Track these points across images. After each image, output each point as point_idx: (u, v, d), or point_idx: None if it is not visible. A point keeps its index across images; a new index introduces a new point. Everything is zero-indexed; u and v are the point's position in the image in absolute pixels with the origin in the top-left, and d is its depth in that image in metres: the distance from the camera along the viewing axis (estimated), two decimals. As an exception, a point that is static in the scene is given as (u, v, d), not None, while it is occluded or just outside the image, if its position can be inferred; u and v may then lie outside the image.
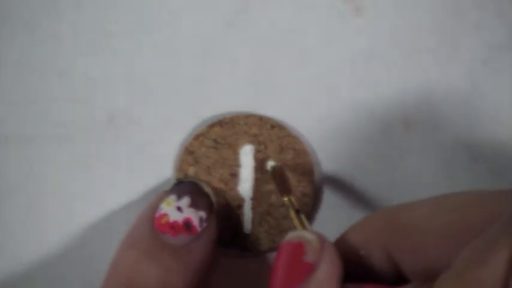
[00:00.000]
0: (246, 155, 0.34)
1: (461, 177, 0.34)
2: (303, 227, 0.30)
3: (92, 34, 0.34)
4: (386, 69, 0.34)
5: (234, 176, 0.34)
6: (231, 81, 0.34)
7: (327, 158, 0.34)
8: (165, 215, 0.31)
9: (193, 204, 0.31)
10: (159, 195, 0.32)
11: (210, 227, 0.31)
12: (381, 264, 0.27)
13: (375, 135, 0.34)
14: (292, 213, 0.31)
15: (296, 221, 0.30)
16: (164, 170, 0.34)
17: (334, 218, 0.34)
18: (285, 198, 0.31)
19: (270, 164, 0.33)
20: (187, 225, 0.30)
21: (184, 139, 0.34)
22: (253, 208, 0.34)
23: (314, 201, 0.34)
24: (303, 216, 0.30)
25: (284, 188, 0.32)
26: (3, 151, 0.34)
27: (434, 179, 0.34)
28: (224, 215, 0.33)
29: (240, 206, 0.34)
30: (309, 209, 0.34)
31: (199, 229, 0.31)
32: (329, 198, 0.34)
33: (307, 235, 0.27)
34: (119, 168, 0.34)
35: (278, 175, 0.33)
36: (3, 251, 0.34)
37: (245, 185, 0.34)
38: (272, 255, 0.34)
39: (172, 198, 0.31)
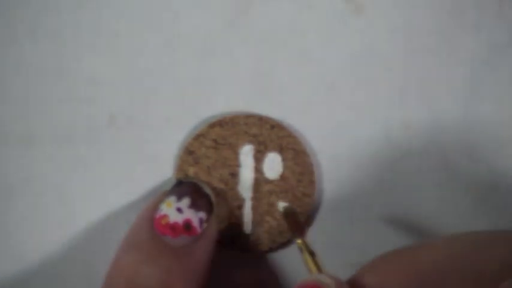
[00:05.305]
0: (246, 155, 0.34)
1: (461, 177, 0.34)
2: (319, 270, 0.28)
3: (92, 34, 0.34)
4: (387, 69, 0.34)
5: (234, 176, 0.34)
6: (231, 81, 0.34)
7: (327, 158, 0.34)
8: (165, 216, 0.30)
9: (194, 205, 0.31)
10: (159, 195, 0.32)
11: (210, 228, 0.31)
12: None
13: (375, 135, 0.34)
14: (306, 256, 0.29)
15: (311, 265, 0.29)
16: (164, 170, 0.34)
17: (334, 218, 0.34)
18: (298, 241, 0.30)
19: (282, 205, 0.33)
20: (187, 226, 0.30)
21: (184, 139, 0.34)
22: (253, 208, 0.34)
23: (314, 201, 0.34)
24: (318, 259, 0.29)
25: (297, 229, 0.31)
26: (3, 151, 0.34)
27: (434, 179, 0.34)
28: (224, 215, 0.33)
29: (240, 206, 0.34)
30: (310, 209, 0.34)
31: (199, 230, 0.31)
32: (329, 198, 0.34)
33: (324, 279, 0.26)
34: (119, 168, 0.34)
35: (290, 216, 0.32)
36: (3, 251, 0.34)
37: (245, 185, 0.34)
38: (272, 255, 0.34)
39: (172, 199, 0.31)
